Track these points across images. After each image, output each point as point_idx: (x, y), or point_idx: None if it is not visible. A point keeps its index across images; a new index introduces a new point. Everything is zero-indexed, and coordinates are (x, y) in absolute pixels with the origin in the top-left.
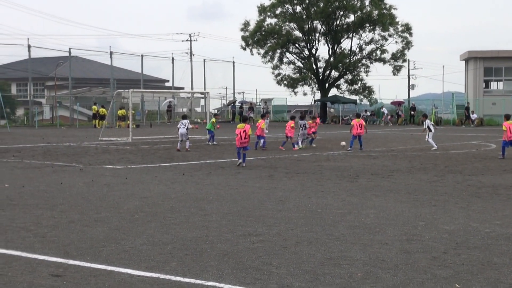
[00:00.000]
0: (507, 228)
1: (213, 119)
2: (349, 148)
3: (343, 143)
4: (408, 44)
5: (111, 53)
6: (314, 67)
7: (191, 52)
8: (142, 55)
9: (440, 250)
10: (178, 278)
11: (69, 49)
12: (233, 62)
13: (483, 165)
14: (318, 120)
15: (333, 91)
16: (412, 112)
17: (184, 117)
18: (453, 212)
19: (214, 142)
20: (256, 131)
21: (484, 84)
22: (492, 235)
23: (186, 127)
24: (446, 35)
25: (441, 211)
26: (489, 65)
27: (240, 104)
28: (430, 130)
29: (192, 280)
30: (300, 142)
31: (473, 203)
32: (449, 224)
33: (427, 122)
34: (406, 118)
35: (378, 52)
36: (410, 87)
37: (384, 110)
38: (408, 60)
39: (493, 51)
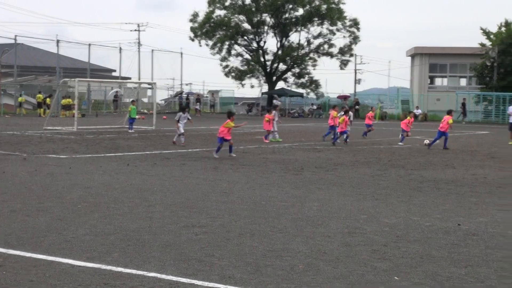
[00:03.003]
0: (447, 222)
1: (132, 106)
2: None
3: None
4: (355, 39)
5: (57, 41)
6: (262, 59)
7: (139, 42)
8: (89, 44)
9: (381, 243)
10: (119, 269)
11: (15, 36)
12: (181, 53)
13: (425, 159)
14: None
15: (280, 84)
16: (357, 107)
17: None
18: (395, 205)
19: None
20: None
21: (429, 80)
22: (432, 228)
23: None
24: (393, 31)
25: (383, 205)
26: (434, 61)
27: (186, 96)
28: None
29: (134, 271)
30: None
31: (415, 197)
32: (390, 217)
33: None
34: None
35: (326, 46)
36: (357, 81)
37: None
38: (355, 54)
39: (438, 48)
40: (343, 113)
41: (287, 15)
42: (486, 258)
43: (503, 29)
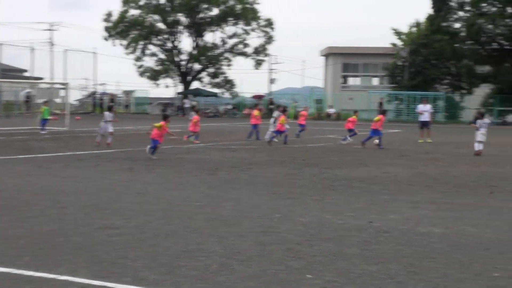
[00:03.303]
0: (359, 220)
1: (45, 107)
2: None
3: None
4: (270, 39)
5: None
6: (177, 59)
7: (51, 42)
8: (0, 44)
9: (294, 242)
10: (30, 273)
11: None
12: (95, 53)
13: (339, 158)
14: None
15: (195, 84)
16: (271, 106)
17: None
18: (309, 204)
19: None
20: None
21: (342, 79)
22: (345, 226)
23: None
24: (307, 31)
25: (297, 204)
26: (347, 61)
27: (100, 96)
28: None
29: (45, 275)
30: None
31: (328, 196)
32: (304, 216)
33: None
34: (265, 112)
35: (241, 46)
36: (271, 81)
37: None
38: (270, 54)
39: (351, 48)
40: (278, 112)
41: (202, 15)
42: (396, 255)
43: (413, 29)
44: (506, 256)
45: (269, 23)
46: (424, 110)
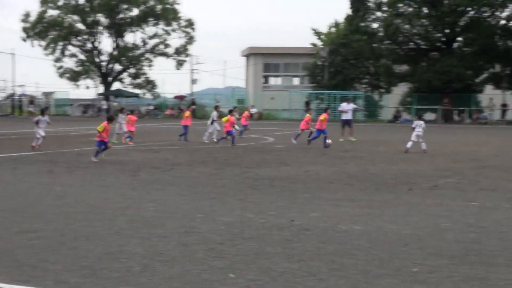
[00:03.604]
0: (281, 218)
1: None
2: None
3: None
4: (191, 39)
5: None
6: (97, 60)
7: None
8: None
9: (217, 242)
10: None
11: None
12: (13, 54)
13: (260, 157)
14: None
15: (116, 85)
16: (193, 107)
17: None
18: (231, 204)
19: None
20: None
21: (263, 79)
22: (266, 225)
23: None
24: (229, 31)
25: (220, 203)
26: (268, 61)
27: (19, 98)
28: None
29: None
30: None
31: (250, 195)
32: (226, 215)
33: (213, 115)
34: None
35: (162, 46)
36: (193, 81)
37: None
38: (191, 55)
39: (272, 48)
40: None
41: (121, 15)
42: (318, 252)
43: (333, 29)
44: (424, 252)
45: (190, 24)
46: (347, 109)
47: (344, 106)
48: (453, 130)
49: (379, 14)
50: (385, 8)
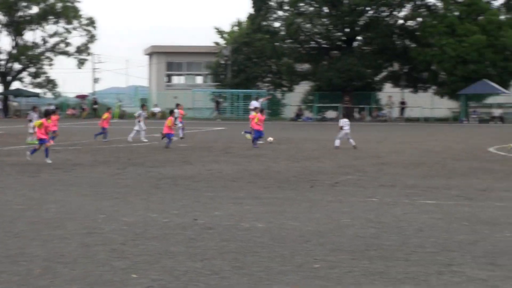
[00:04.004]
0: (184, 218)
1: None
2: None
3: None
4: (92, 38)
5: None
6: None
7: None
8: None
9: (119, 242)
10: None
11: None
12: None
13: (164, 157)
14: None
15: (16, 84)
16: (95, 106)
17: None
18: (134, 203)
19: None
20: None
21: (166, 78)
22: (170, 224)
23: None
24: (132, 30)
25: (122, 203)
26: (171, 60)
27: None
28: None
29: None
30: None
31: (153, 194)
32: (129, 215)
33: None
34: (90, 112)
35: (62, 45)
36: (95, 80)
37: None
38: (93, 53)
39: (175, 46)
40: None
41: (21, 13)
42: (221, 251)
43: (235, 28)
44: (325, 248)
45: (91, 22)
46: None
47: (255, 103)
48: (354, 127)
49: (280, 13)
50: (286, 7)
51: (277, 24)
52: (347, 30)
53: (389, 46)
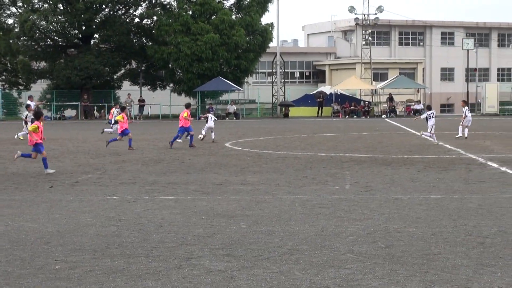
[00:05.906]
0: None
1: None
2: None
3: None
4: None
5: None
6: None
7: None
8: None
9: None
10: None
11: None
12: None
13: None
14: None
15: None
16: None
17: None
18: None
19: None
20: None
21: None
22: None
23: None
24: None
25: None
26: None
27: None
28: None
29: None
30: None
31: None
32: None
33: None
34: None
35: None
36: None
37: None
38: None
39: None
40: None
41: None
42: None
43: None
44: (66, 248)
45: None
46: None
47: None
48: (93, 126)
49: (14, 9)
50: (20, 4)
51: (10, 21)
52: (83, 27)
53: (126, 44)
